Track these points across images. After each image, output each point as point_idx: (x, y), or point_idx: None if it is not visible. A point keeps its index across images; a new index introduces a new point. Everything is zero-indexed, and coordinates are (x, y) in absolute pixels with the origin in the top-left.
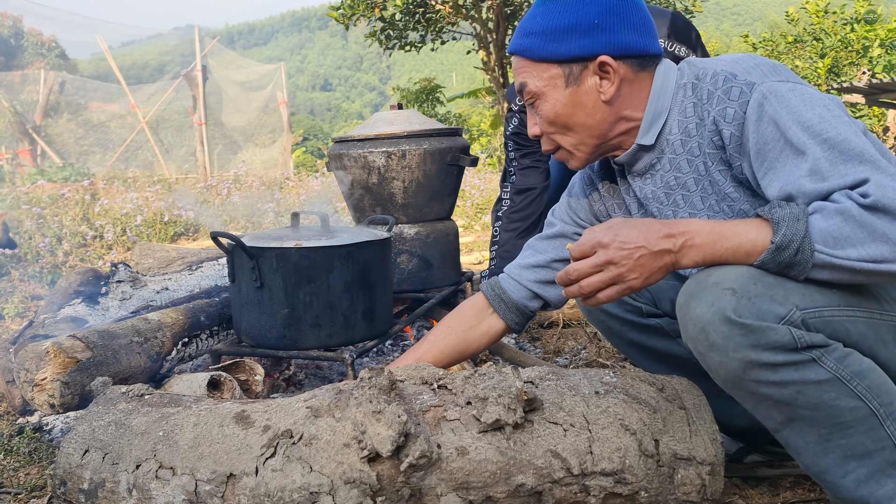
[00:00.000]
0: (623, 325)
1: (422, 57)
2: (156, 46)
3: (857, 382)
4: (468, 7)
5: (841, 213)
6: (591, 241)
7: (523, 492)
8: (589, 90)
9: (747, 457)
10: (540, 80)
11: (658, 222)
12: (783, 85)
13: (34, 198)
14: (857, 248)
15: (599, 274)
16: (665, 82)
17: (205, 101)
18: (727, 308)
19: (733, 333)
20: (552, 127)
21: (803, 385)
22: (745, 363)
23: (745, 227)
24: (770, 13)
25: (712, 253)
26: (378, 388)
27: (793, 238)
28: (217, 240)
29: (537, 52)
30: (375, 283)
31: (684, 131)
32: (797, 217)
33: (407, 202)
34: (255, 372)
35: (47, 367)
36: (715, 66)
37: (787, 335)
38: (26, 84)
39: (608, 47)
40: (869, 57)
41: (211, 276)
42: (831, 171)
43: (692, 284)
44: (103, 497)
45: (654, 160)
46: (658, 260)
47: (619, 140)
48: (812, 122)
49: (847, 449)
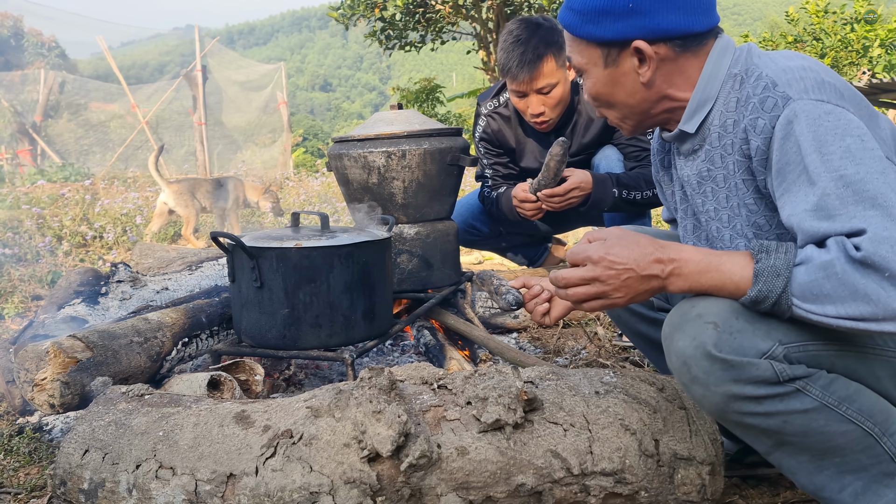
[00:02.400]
0: (633, 315)
1: (422, 57)
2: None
3: (846, 407)
4: (468, 7)
5: (824, 269)
6: (584, 253)
7: (523, 492)
8: (627, 72)
9: (747, 457)
10: (582, 57)
11: (651, 244)
12: (820, 106)
13: (34, 198)
14: (837, 305)
15: (586, 287)
16: (716, 68)
17: (205, 101)
18: (708, 343)
19: (714, 368)
20: (596, 102)
21: (789, 415)
22: (727, 397)
23: (731, 265)
24: (770, 13)
25: (698, 285)
26: (378, 388)
27: (769, 294)
28: (217, 240)
29: (577, 30)
30: (375, 283)
31: (723, 125)
32: (778, 272)
33: (407, 202)
34: (255, 372)
35: (47, 367)
36: (765, 66)
37: (768, 370)
38: (26, 84)
39: (643, 31)
40: (869, 57)
41: (211, 276)
42: (839, 211)
43: (676, 315)
44: (103, 497)
45: (697, 146)
46: (645, 283)
47: (665, 116)
48: (833, 155)
49: (841, 465)
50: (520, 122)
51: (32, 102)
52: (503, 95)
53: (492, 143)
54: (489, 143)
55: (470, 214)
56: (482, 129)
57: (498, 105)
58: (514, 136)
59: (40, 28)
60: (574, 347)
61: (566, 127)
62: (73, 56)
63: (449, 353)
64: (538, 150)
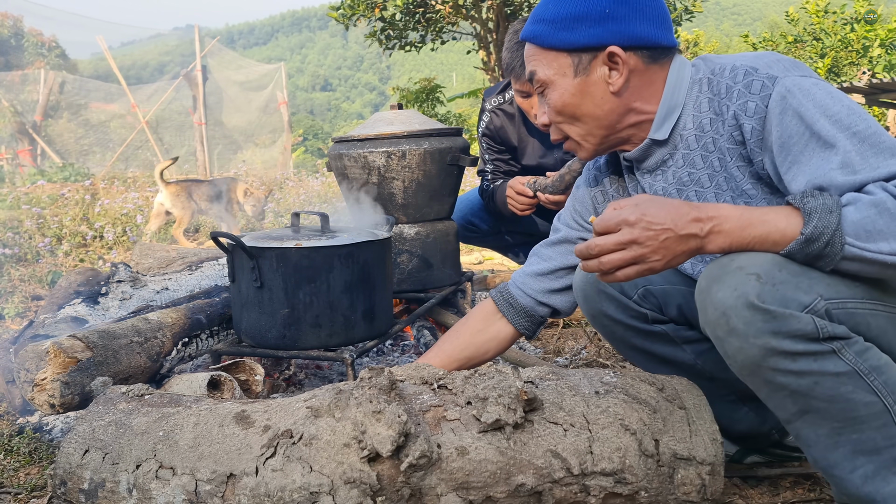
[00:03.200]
0: (627, 330)
1: (422, 57)
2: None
3: (875, 378)
4: (468, 7)
5: (875, 206)
6: (617, 217)
7: (523, 492)
8: (597, 80)
9: (747, 457)
10: (549, 69)
11: (686, 204)
12: (806, 80)
13: (34, 198)
14: (890, 241)
15: (622, 252)
16: (680, 77)
17: (205, 101)
18: (751, 293)
19: (755, 319)
20: (560, 116)
21: (821, 376)
22: (764, 350)
23: (774, 215)
24: (770, 13)
25: (739, 240)
26: (378, 388)
27: (824, 230)
28: (217, 240)
29: (547, 40)
30: (375, 283)
31: (698, 127)
32: (830, 209)
33: (407, 202)
34: (255, 372)
35: (47, 367)
36: (733, 61)
37: (810, 324)
38: (26, 84)
39: (618, 37)
40: (869, 57)
41: (211, 276)
42: (863, 164)
43: (715, 268)
44: (103, 497)
45: (667, 156)
46: (683, 244)
47: (628, 133)
48: (840, 115)
49: (857, 444)
50: (523, 120)
51: (32, 102)
52: (508, 93)
53: (494, 139)
54: (491, 139)
55: (469, 211)
56: (485, 124)
57: (502, 102)
58: (516, 133)
59: (40, 28)
60: (574, 347)
61: None
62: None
63: None
64: (540, 150)
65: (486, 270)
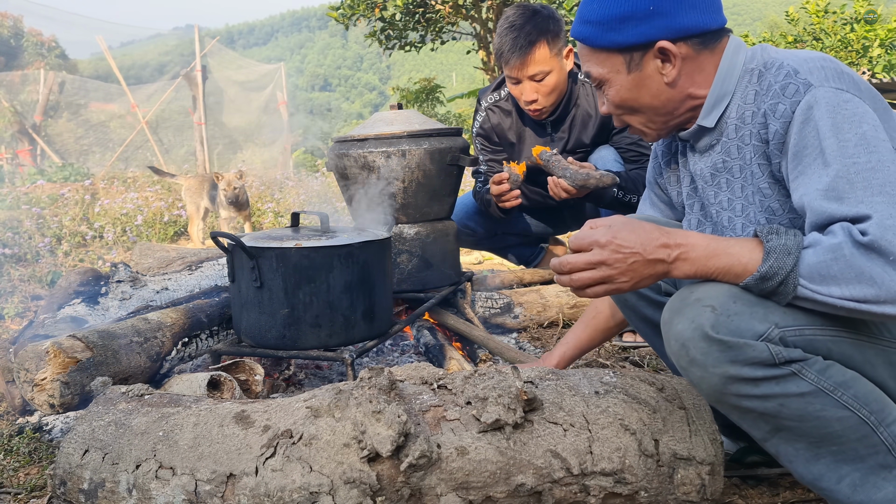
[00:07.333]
0: (640, 299)
1: (422, 57)
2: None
3: (842, 393)
4: (468, 7)
5: (833, 251)
6: (590, 237)
7: (523, 492)
8: (652, 74)
9: (747, 457)
10: (602, 68)
11: (657, 230)
12: (839, 94)
13: (34, 198)
14: (842, 286)
15: (591, 271)
16: (732, 64)
17: (205, 101)
18: (706, 324)
19: (712, 349)
20: (620, 109)
21: (786, 398)
22: (724, 378)
23: (739, 248)
24: (770, 13)
25: (704, 269)
26: (378, 388)
27: (779, 270)
28: (217, 240)
29: (597, 41)
30: (375, 283)
31: (741, 117)
32: (789, 250)
33: (407, 202)
34: (255, 372)
35: (47, 367)
36: (785, 58)
37: (764, 351)
38: (26, 84)
39: (666, 31)
40: (869, 57)
41: (211, 276)
42: (849, 194)
43: (676, 301)
44: (103, 497)
45: (714, 141)
46: (650, 268)
47: (688, 115)
48: (849, 140)
49: (838, 454)
50: (520, 115)
51: (32, 102)
52: (504, 89)
53: (488, 138)
54: (486, 139)
55: (465, 214)
56: (479, 123)
57: (498, 99)
58: (514, 129)
59: (40, 28)
60: None
61: (564, 121)
62: (73, 56)
63: (449, 353)
64: (536, 139)
65: (486, 270)
